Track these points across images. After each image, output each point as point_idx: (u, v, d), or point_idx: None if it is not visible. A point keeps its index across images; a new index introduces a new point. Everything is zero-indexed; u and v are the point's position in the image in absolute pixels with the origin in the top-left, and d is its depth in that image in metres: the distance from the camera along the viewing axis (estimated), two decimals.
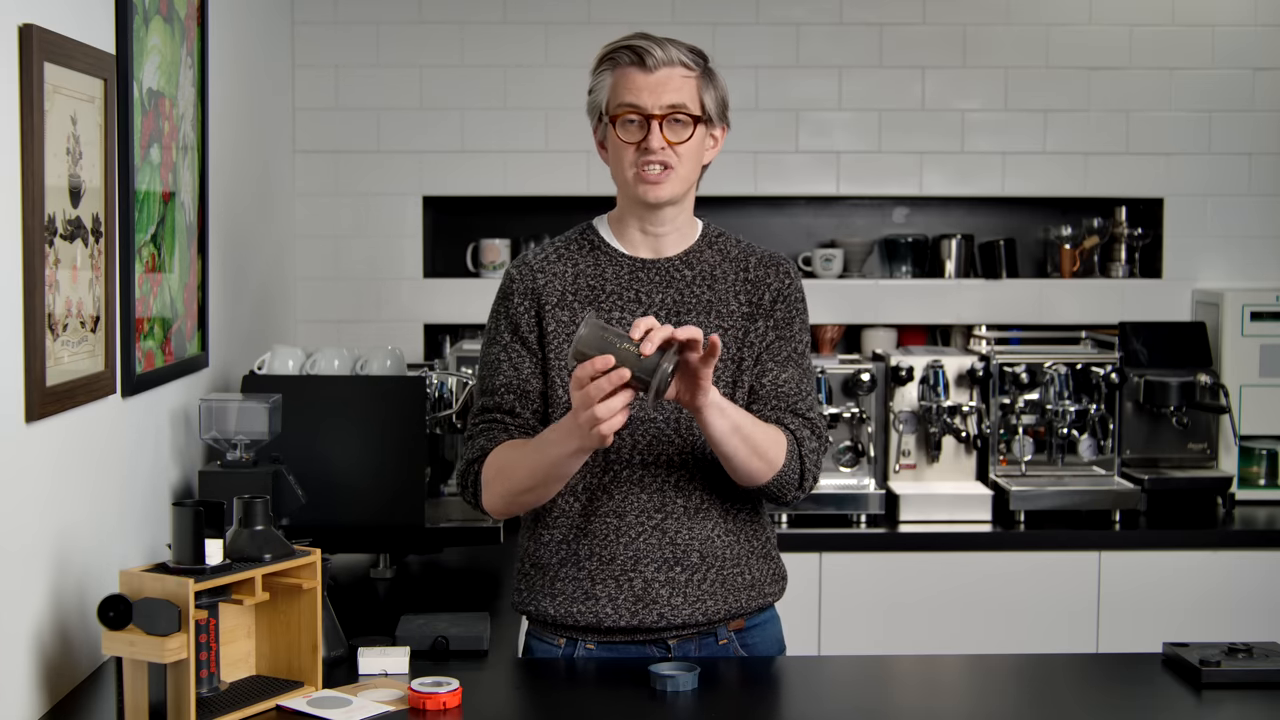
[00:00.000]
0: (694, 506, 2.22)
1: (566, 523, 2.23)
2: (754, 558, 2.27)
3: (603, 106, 2.22)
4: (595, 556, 2.21)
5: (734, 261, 2.28)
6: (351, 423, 2.92)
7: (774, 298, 2.27)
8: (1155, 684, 2.18)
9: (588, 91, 2.26)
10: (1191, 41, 4.21)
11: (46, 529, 2.11)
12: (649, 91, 2.16)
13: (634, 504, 2.20)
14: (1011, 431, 3.86)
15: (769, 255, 2.31)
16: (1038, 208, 4.36)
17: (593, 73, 2.24)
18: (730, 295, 2.25)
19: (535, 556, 2.27)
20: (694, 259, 2.27)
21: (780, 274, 2.29)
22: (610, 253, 2.26)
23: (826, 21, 4.20)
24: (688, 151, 2.19)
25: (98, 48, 2.29)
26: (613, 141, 2.21)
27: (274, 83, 3.89)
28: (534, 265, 2.26)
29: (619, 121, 2.18)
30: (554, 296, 2.23)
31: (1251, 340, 3.98)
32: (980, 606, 3.61)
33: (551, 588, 2.24)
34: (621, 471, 2.20)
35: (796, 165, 4.24)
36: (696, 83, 2.20)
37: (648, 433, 2.20)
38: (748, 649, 2.30)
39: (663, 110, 2.16)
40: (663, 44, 2.19)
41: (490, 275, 4.21)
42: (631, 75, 2.18)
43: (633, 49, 2.18)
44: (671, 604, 2.21)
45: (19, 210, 1.99)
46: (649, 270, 2.25)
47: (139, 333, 2.52)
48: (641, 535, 2.20)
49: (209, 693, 2.02)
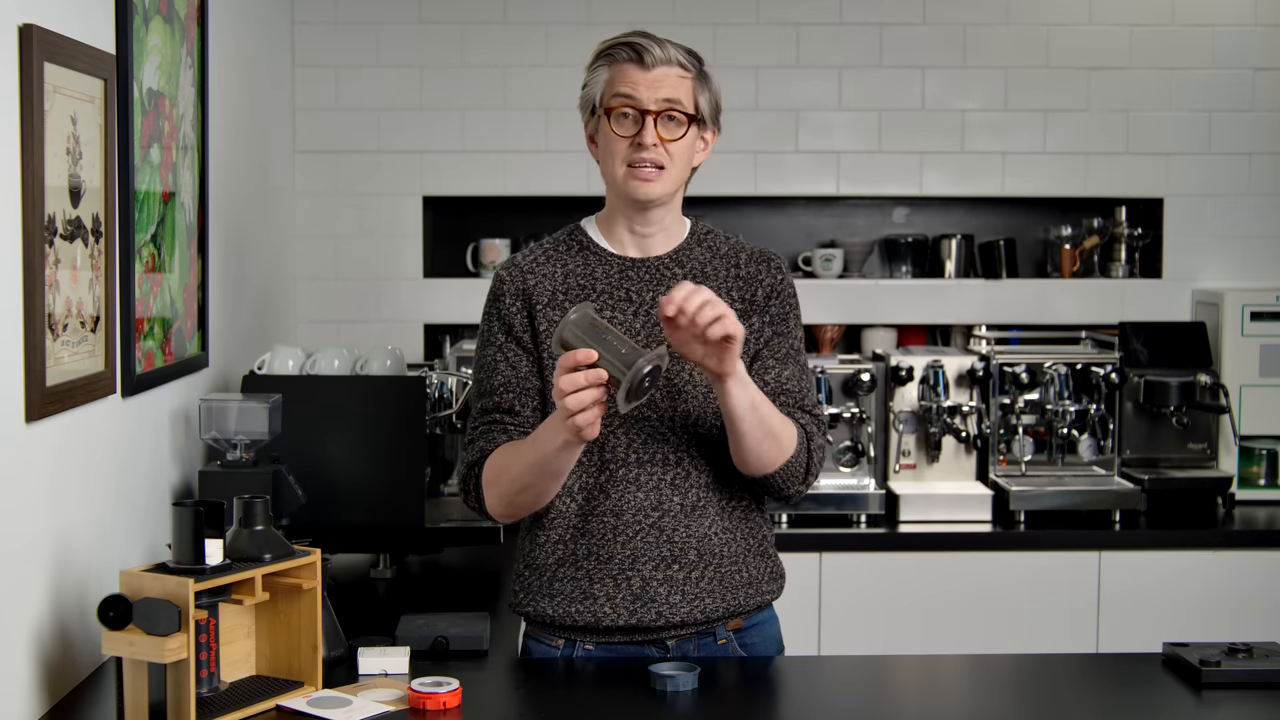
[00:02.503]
0: (690, 504, 2.22)
1: (563, 523, 2.23)
2: (751, 555, 2.27)
3: (596, 100, 2.23)
4: (593, 556, 2.21)
5: (724, 258, 2.29)
6: (351, 423, 2.92)
7: (767, 294, 2.27)
8: (1155, 684, 2.18)
9: (581, 86, 2.26)
10: (1191, 41, 4.21)
11: (46, 529, 2.11)
12: (645, 86, 2.17)
13: (631, 503, 2.20)
14: (1011, 431, 3.86)
15: (759, 251, 2.31)
16: (1038, 208, 4.36)
17: (588, 68, 2.25)
18: (722, 292, 2.25)
19: (532, 558, 2.27)
20: (683, 257, 2.27)
21: (772, 270, 2.29)
22: (599, 253, 2.27)
23: (826, 21, 4.20)
24: (679, 151, 2.19)
25: (98, 48, 2.30)
26: (604, 135, 2.21)
27: (274, 83, 3.89)
28: (523, 266, 2.27)
29: (613, 115, 2.19)
30: (544, 297, 2.23)
31: (1251, 340, 3.98)
32: (980, 606, 3.61)
33: (550, 588, 2.24)
34: (618, 471, 2.20)
35: (796, 165, 4.24)
36: (692, 83, 2.20)
37: (643, 431, 2.20)
38: (746, 649, 2.29)
39: (658, 105, 2.17)
40: (661, 43, 2.20)
41: (490, 275, 4.20)
42: (628, 71, 2.19)
43: (631, 45, 2.19)
44: (670, 602, 2.21)
45: (19, 210, 1.99)
46: (638, 269, 2.25)
47: (139, 333, 2.52)
48: (639, 534, 2.20)
49: (209, 693, 2.02)
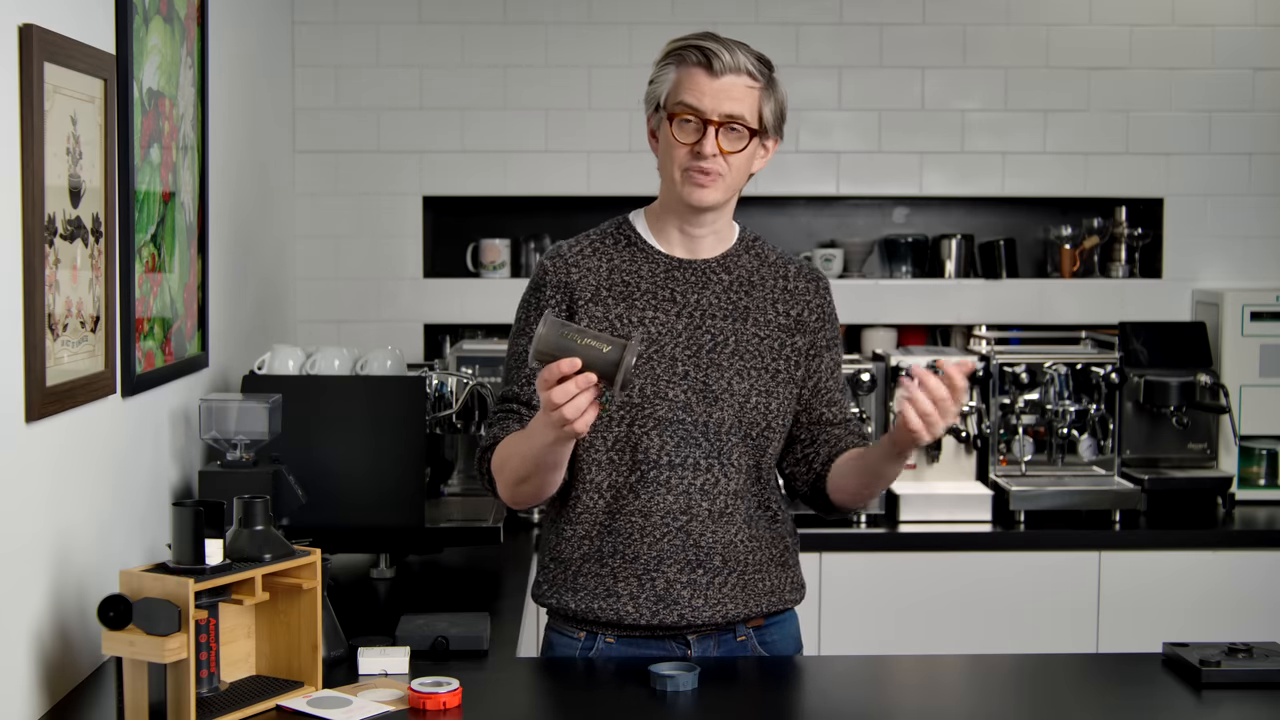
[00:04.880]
0: (718, 510, 2.22)
1: (590, 519, 2.23)
2: (773, 565, 2.28)
3: (661, 99, 2.21)
4: (619, 555, 2.22)
5: (772, 267, 2.29)
6: (351, 423, 2.92)
7: (819, 317, 2.30)
8: (1155, 684, 2.18)
9: (649, 81, 2.24)
10: (1191, 41, 4.21)
11: (46, 529, 2.11)
12: (710, 96, 2.15)
13: (660, 505, 2.21)
14: (1011, 431, 3.86)
15: (808, 268, 2.33)
16: (1038, 208, 4.36)
17: (657, 63, 2.22)
18: (769, 304, 2.26)
19: (558, 551, 2.27)
20: (731, 263, 2.27)
21: (820, 290, 2.32)
22: (646, 249, 2.26)
23: (826, 21, 4.20)
24: (739, 162, 2.19)
25: (98, 48, 2.29)
26: (665, 137, 2.20)
27: (274, 83, 3.89)
28: (568, 259, 2.26)
29: (675, 120, 2.17)
30: (588, 291, 2.23)
31: (1251, 340, 3.98)
32: (980, 606, 3.61)
33: (574, 583, 2.25)
34: (649, 472, 2.20)
35: (796, 165, 4.24)
36: (759, 94, 2.18)
37: (675, 434, 2.20)
38: (766, 646, 2.30)
39: (721, 118, 2.15)
40: (732, 49, 2.17)
41: (490, 275, 4.21)
42: (696, 76, 2.16)
43: (701, 50, 2.16)
44: (692, 605, 2.21)
45: (19, 210, 1.99)
46: (685, 270, 2.25)
47: (139, 333, 2.52)
48: (666, 536, 2.21)
49: (209, 693, 2.02)
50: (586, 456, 2.22)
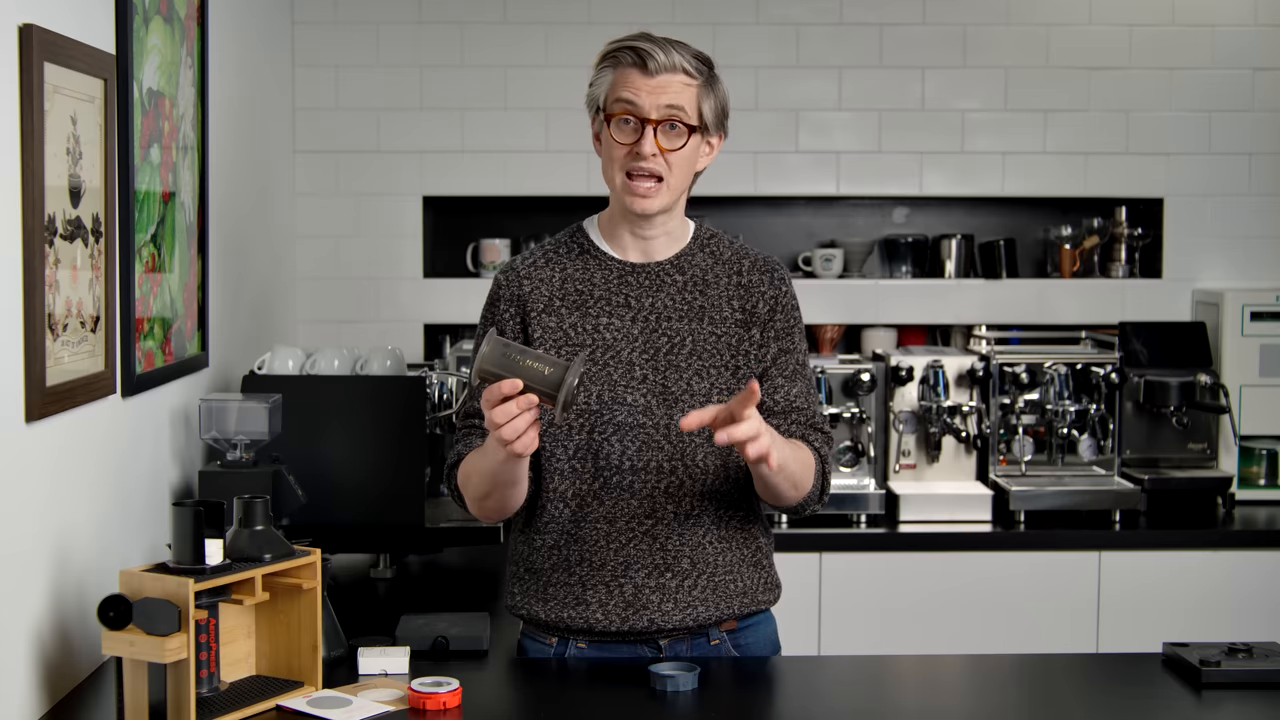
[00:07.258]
0: (684, 513, 2.21)
1: (557, 528, 2.22)
2: (745, 565, 2.26)
3: (600, 101, 2.20)
4: (585, 562, 2.21)
5: (726, 264, 2.26)
6: (351, 423, 2.92)
7: (771, 307, 2.25)
8: (1155, 684, 2.18)
9: (588, 85, 2.24)
10: (1191, 41, 4.21)
11: (46, 529, 2.11)
12: (647, 93, 2.14)
13: (624, 510, 2.20)
14: (1011, 431, 3.86)
15: (763, 260, 2.29)
16: (1038, 208, 4.36)
17: (595, 66, 2.22)
18: (723, 301, 2.24)
19: (528, 561, 2.27)
20: (685, 263, 2.25)
21: (775, 281, 2.27)
22: (599, 256, 2.25)
23: (826, 21, 4.20)
24: (679, 160, 2.17)
25: (98, 48, 2.29)
26: (605, 139, 2.19)
27: (274, 83, 3.89)
28: (520, 271, 2.25)
29: (614, 121, 2.16)
30: (540, 302, 2.22)
31: (1251, 340, 3.98)
32: (980, 606, 3.61)
33: (544, 592, 2.24)
34: (611, 478, 2.19)
35: (796, 165, 4.24)
36: (697, 91, 2.17)
37: (636, 439, 2.18)
38: (740, 649, 2.29)
39: (659, 114, 2.14)
40: (666, 48, 2.16)
41: (490, 275, 4.21)
42: (631, 76, 2.16)
43: (636, 50, 2.16)
44: (662, 609, 2.20)
45: (19, 210, 1.99)
46: (639, 274, 2.24)
47: (139, 333, 2.52)
48: (632, 541, 2.20)
49: (209, 693, 2.02)
50: (549, 465, 2.21)
